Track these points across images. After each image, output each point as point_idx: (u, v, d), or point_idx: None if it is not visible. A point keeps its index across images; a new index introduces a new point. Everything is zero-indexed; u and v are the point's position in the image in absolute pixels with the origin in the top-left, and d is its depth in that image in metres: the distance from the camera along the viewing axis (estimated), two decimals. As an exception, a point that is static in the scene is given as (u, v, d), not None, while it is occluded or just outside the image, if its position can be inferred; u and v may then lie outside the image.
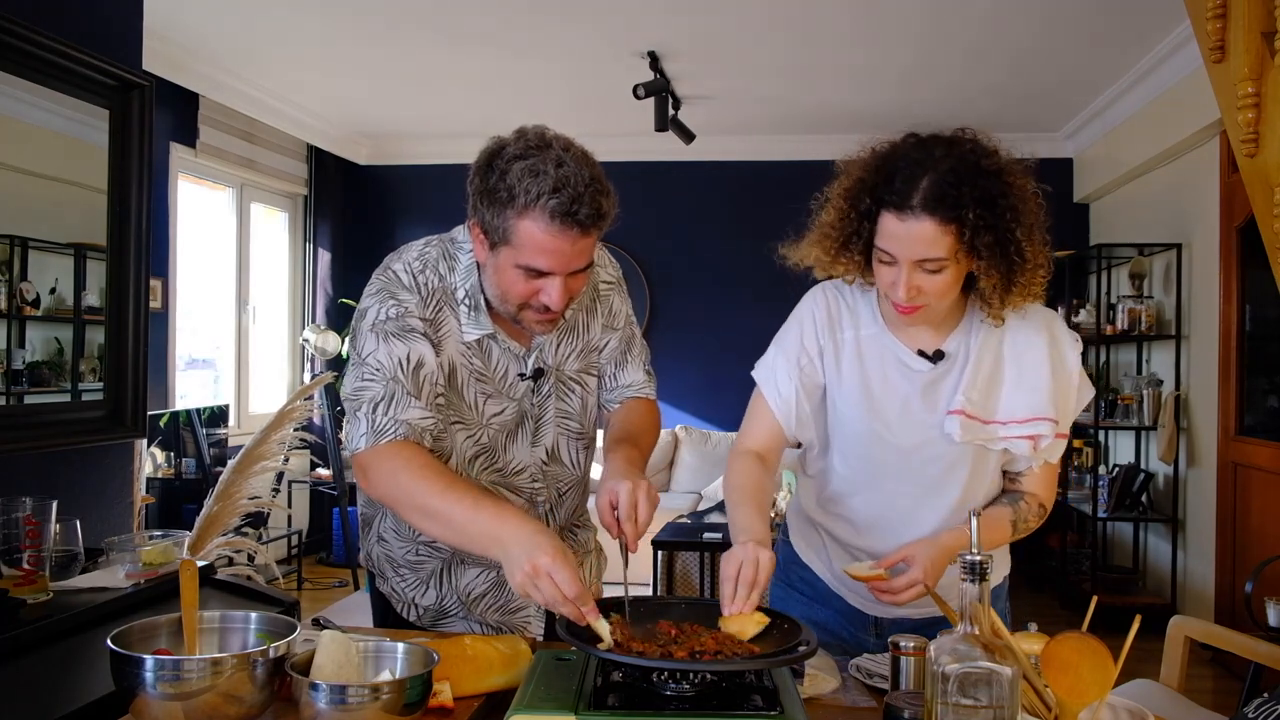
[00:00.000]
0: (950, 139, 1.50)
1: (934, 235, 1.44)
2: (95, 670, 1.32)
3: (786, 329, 1.69)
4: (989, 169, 1.46)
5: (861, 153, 1.56)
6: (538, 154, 1.40)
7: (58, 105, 2.10)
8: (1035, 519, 1.63)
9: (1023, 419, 1.56)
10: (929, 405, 1.59)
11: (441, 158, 6.43)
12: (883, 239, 1.48)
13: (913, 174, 1.45)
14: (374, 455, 1.47)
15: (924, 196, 1.43)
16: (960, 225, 1.44)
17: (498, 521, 1.36)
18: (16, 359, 2.12)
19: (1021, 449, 1.58)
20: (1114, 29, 4.32)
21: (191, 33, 4.52)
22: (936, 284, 1.47)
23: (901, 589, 1.48)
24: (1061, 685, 1.07)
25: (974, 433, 1.55)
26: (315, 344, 5.99)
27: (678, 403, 6.57)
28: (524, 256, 1.43)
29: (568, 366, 1.68)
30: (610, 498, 1.45)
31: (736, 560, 1.36)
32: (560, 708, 1.13)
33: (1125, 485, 5.12)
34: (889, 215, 1.46)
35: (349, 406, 1.52)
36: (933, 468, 1.61)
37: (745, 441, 1.68)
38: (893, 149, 1.52)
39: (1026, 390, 1.57)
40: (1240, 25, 2.15)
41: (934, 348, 1.59)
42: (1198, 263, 4.75)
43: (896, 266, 1.48)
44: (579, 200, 1.38)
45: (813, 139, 6.31)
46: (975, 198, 1.43)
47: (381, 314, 1.52)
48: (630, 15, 4.23)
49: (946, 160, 1.45)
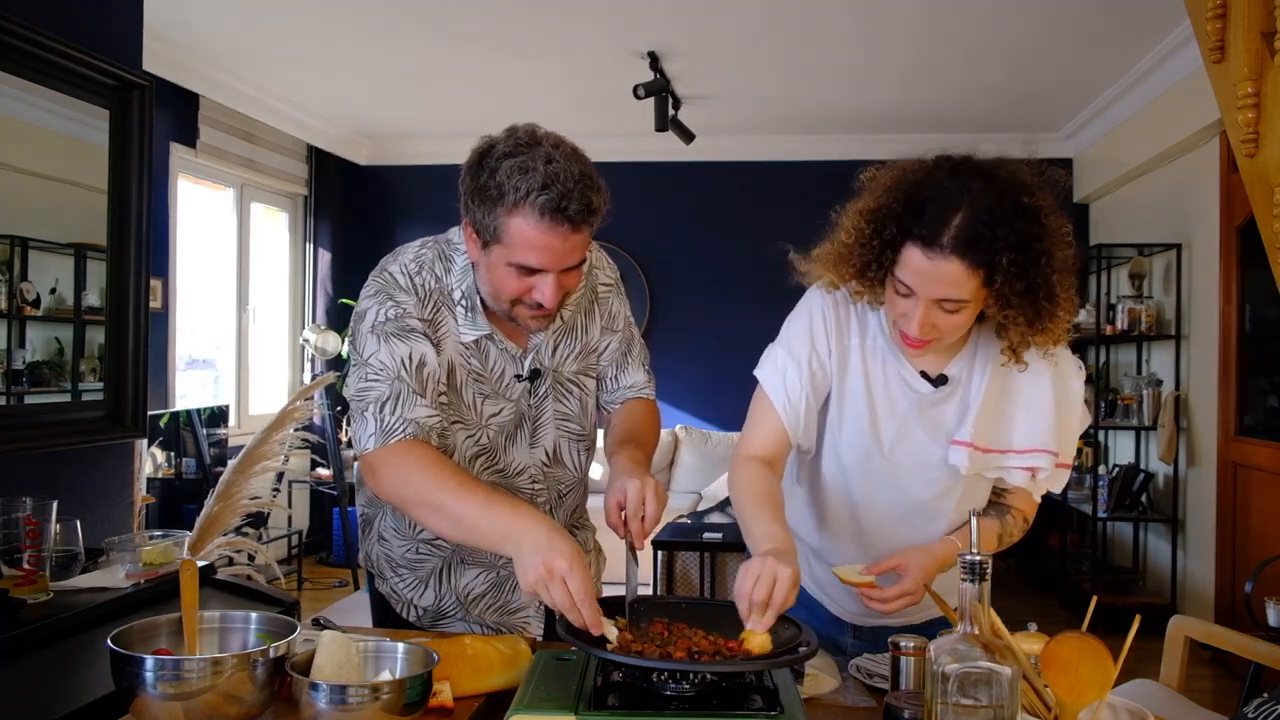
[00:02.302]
0: (989, 171, 1.39)
1: (960, 278, 1.36)
2: (95, 670, 1.32)
3: (793, 330, 1.60)
4: (1028, 207, 1.36)
5: (889, 171, 1.46)
6: (527, 151, 1.40)
7: (58, 105, 2.10)
8: (1019, 533, 1.62)
9: (1021, 449, 1.52)
10: (927, 428, 1.54)
11: (441, 158, 6.43)
12: (904, 272, 1.40)
13: (945, 208, 1.36)
14: (384, 455, 1.46)
15: (955, 236, 1.34)
16: (990, 270, 1.35)
17: (511, 518, 1.36)
18: (16, 359, 2.12)
19: (1018, 479, 1.54)
20: (1114, 29, 4.32)
21: (191, 33, 4.52)
22: (952, 322, 1.42)
23: (891, 599, 1.46)
24: (1061, 685, 1.07)
25: (980, 464, 1.52)
26: (315, 344, 5.99)
27: (678, 403, 6.57)
28: (516, 254, 1.42)
29: (566, 368, 1.68)
30: (619, 497, 1.45)
31: (753, 575, 1.27)
32: (560, 708, 1.13)
33: (1125, 485, 5.12)
34: (915, 249, 1.37)
35: (355, 407, 1.51)
36: (925, 489, 1.57)
37: (750, 447, 1.58)
38: (925, 176, 1.41)
39: (1029, 421, 1.52)
40: (1240, 25, 2.15)
41: (937, 371, 1.54)
42: (1198, 263, 4.75)
43: (913, 299, 1.41)
44: (568, 196, 1.37)
45: (813, 139, 6.31)
46: (1010, 241, 1.34)
47: (381, 315, 1.52)
48: (630, 15, 4.23)
49: (983, 197, 1.35)
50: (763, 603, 1.25)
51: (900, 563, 1.48)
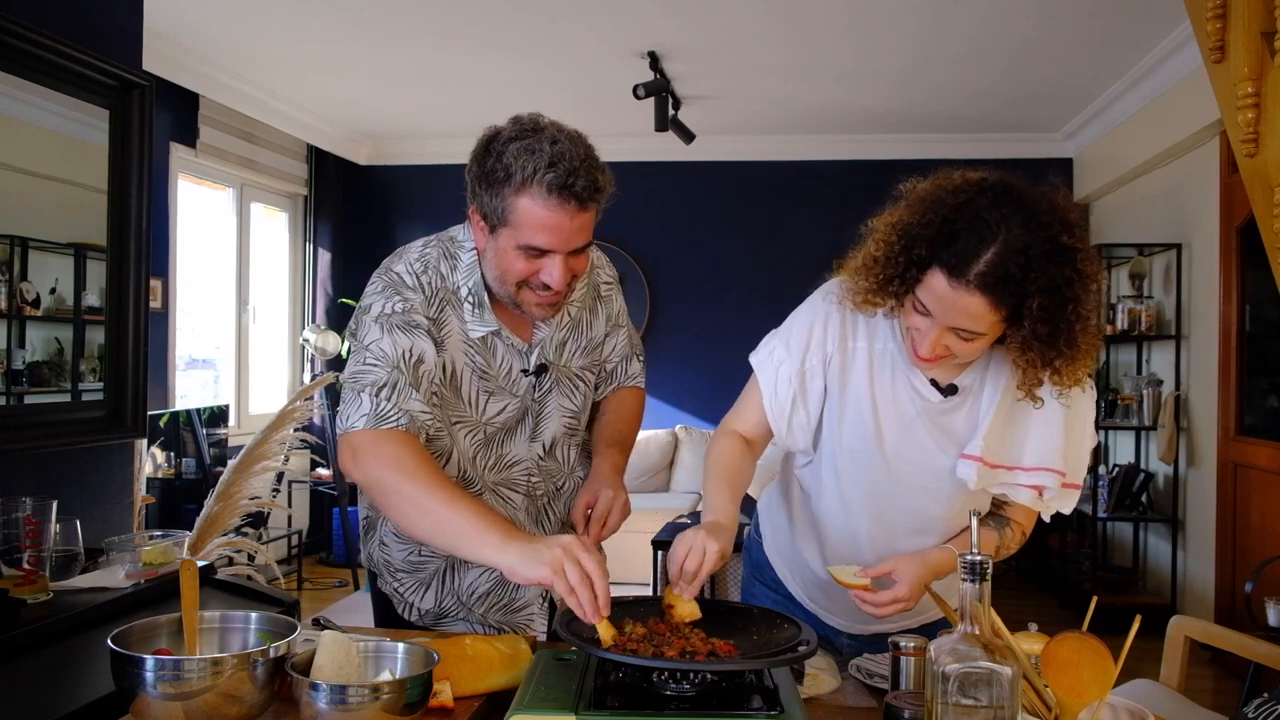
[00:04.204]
0: (1030, 207, 1.31)
1: (981, 312, 1.32)
2: (95, 670, 1.32)
3: (795, 326, 1.58)
4: (1066, 248, 1.30)
5: (929, 185, 1.41)
6: (532, 135, 1.43)
7: (58, 105, 2.10)
8: (1016, 545, 1.61)
9: (1029, 467, 1.50)
10: (934, 436, 1.52)
11: (441, 158, 6.43)
12: (926, 294, 1.36)
13: (979, 239, 1.30)
14: (372, 437, 1.45)
15: (983, 271, 1.29)
16: (1015, 311, 1.32)
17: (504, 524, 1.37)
18: (16, 359, 2.12)
19: (1023, 497, 1.52)
20: (1114, 29, 4.31)
21: (191, 33, 4.52)
22: (966, 348, 1.39)
23: (884, 604, 1.46)
24: (1061, 685, 1.07)
25: (988, 479, 1.50)
26: (315, 344, 5.99)
27: (678, 402, 6.57)
28: (524, 235, 1.44)
29: (573, 363, 1.70)
30: (590, 499, 1.58)
31: (686, 544, 1.36)
32: (560, 708, 1.13)
33: (1125, 485, 5.12)
34: (940, 275, 1.33)
35: (348, 387, 1.50)
36: (926, 498, 1.56)
37: (734, 423, 1.62)
38: (965, 200, 1.34)
39: (1037, 439, 1.50)
40: (1240, 25, 2.15)
41: (948, 380, 1.51)
42: (1198, 263, 4.75)
43: (930, 320, 1.38)
44: (575, 174, 1.40)
45: (813, 139, 6.31)
46: (1041, 286, 1.29)
47: (388, 308, 1.53)
48: (630, 15, 4.23)
49: (1021, 236, 1.29)
50: (692, 572, 1.34)
51: (895, 568, 1.48)
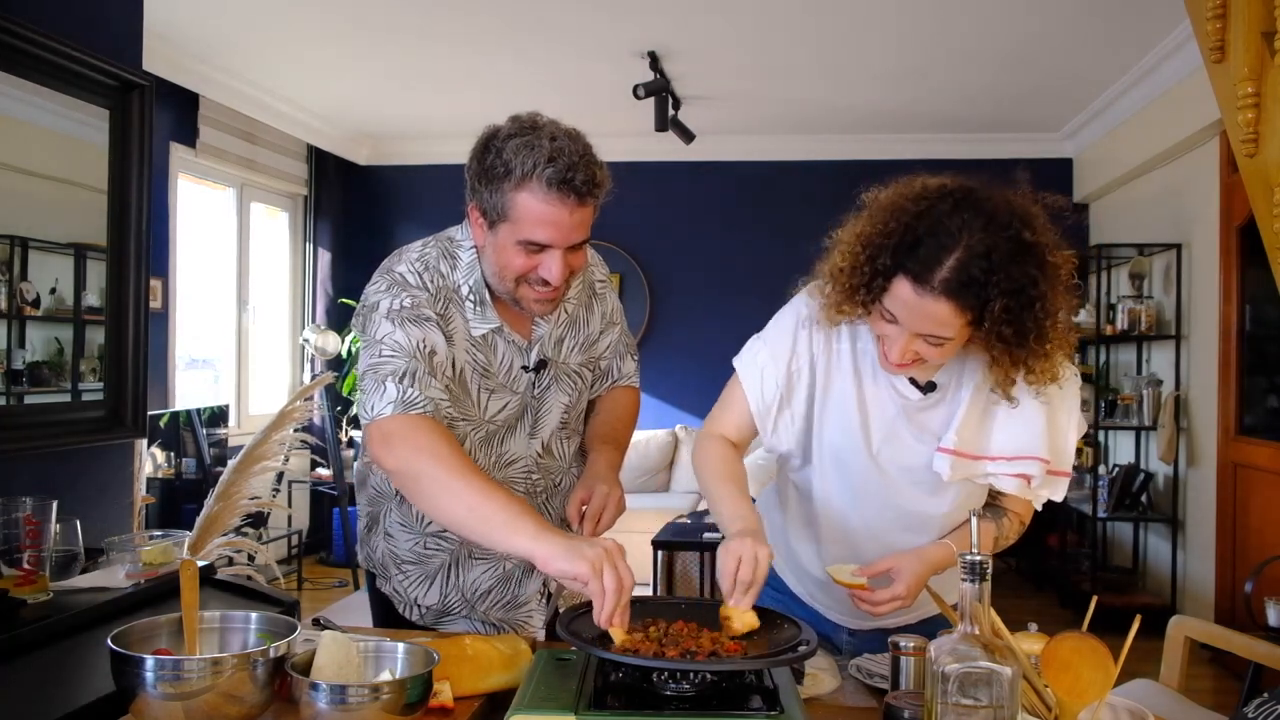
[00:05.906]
0: (990, 210, 1.33)
1: (948, 318, 1.33)
2: (95, 670, 1.32)
3: (779, 329, 1.59)
4: (1029, 244, 1.32)
5: (890, 194, 1.42)
6: (531, 132, 1.45)
7: (58, 105, 2.11)
8: (1015, 535, 1.61)
9: (1011, 456, 1.50)
10: (916, 433, 1.53)
11: (441, 158, 6.43)
12: (892, 302, 1.37)
13: (941, 245, 1.31)
14: (404, 423, 1.42)
15: (946, 278, 1.31)
16: (980, 313, 1.33)
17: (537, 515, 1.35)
18: (16, 359, 2.12)
19: (1008, 486, 1.52)
20: (1114, 29, 4.32)
21: (191, 33, 4.52)
22: (935, 353, 1.40)
23: (882, 602, 1.47)
24: (1061, 685, 1.07)
25: (963, 470, 1.50)
26: (315, 344, 5.99)
27: (678, 403, 6.57)
28: (523, 230, 1.45)
29: (572, 360, 1.71)
30: (585, 495, 1.59)
31: (735, 555, 1.33)
32: (560, 708, 1.13)
33: (1125, 485, 5.12)
34: (905, 282, 1.34)
35: (368, 378, 1.48)
36: (912, 494, 1.56)
37: (717, 426, 1.62)
38: (926, 207, 1.35)
39: (1018, 427, 1.49)
40: (1240, 25, 2.15)
41: (926, 378, 1.52)
42: (1198, 263, 4.75)
43: (898, 327, 1.39)
44: (574, 168, 1.42)
45: (813, 139, 6.31)
46: (1005, 287, 1.30)
47: (396, 303, 1.53)
48: (630, 15, 4.24)
49: (983, 239, 1.30)
50: (746, 582, 1.32)
51: (894, 566, 1.49)
